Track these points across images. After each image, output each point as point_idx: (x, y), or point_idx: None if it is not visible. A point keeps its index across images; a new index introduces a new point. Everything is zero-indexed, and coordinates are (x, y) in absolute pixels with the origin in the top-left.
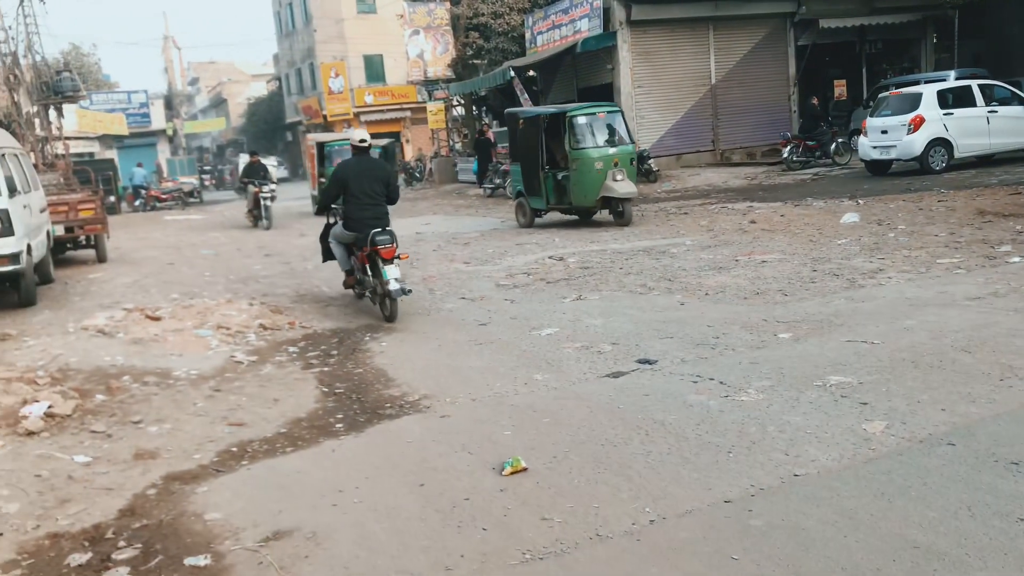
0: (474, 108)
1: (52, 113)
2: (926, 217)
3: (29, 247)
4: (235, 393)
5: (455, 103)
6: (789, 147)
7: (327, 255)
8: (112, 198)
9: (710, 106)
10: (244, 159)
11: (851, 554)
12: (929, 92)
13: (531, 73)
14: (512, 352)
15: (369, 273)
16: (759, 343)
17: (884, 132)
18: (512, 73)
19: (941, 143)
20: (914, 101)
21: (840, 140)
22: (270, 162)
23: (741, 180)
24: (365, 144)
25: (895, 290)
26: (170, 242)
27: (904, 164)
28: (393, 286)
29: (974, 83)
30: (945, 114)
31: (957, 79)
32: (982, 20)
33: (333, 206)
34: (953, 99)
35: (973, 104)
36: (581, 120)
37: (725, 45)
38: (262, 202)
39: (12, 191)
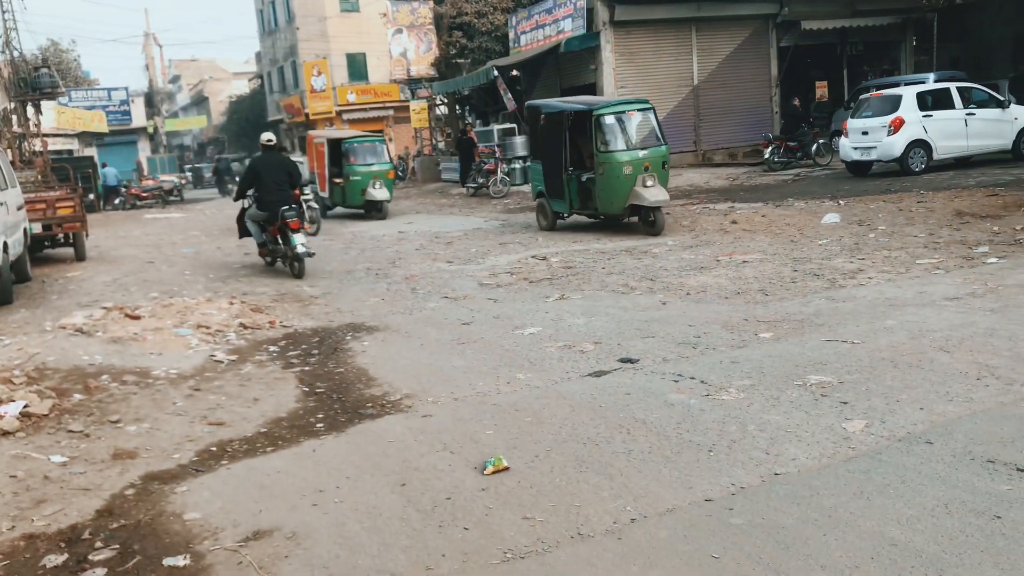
0: (457, 107)
1: (30, 110)
2: (906, 218)
3: (5, 245)
4: (215, 392)
5: (438, 102)
6: (771, 148)
7: (243, 233)
8: (91, 196)
9: (692, 107)
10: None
11: (830, 552)
12: (909, 94)
13: (515, 73)
14: (495, 351)
15: (280, 243)
16: (740, 342)
17: (865, 133)
18: (495, 73)
19: (920, 144)
20: (894, 103)
21: (821, 141)
22: (296, 157)
23: (723, 181)
24: (272, 143)
25: (875, 290)
26: (150, 241)
27: (884, 165)
28: (300, 249)
29: (952, 85)
30: (924, 116)
31: (936, 81)
32: (960, 24)
33: (249, 192)
34: (932, 101)
35: (952, 106)
36: (609, 120)
37: (708, 46)
38: (303, 204)
39: None
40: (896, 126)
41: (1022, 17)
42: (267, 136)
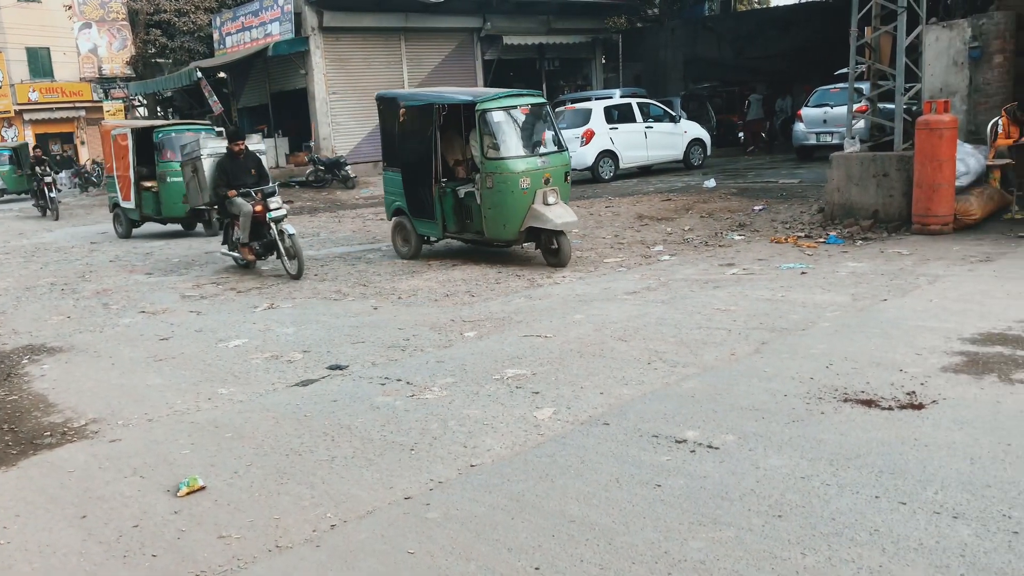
0: (159, 109)
1: None
2: (596, 221)
3: None
4: None
5: (136, 103)
6: None
7: None
8: None
9: None
10: (208, 149)
11: (517, 535)
12: (598, 108)
13: (221, 75)
14: (195, 367)
15: None
16: (446, 342)
17: None
18: (199, 74)
19: (608, 155)
20: (586, 116)
21: None
22: (260, 147)
23: None
24: None
25: (568, 288)
26: None
27: (579, 173)
28: None
29: (634, 101)
30: (611, 128)
31: (621, 97)
32: (641, 45)
33: None
34: (618, 115)
35: (633, 120)
36: (499, 116)
37: (417, 56)
38: (274, 227)
39: None
40: (588, 137)
41: (688, 43)
42: None
